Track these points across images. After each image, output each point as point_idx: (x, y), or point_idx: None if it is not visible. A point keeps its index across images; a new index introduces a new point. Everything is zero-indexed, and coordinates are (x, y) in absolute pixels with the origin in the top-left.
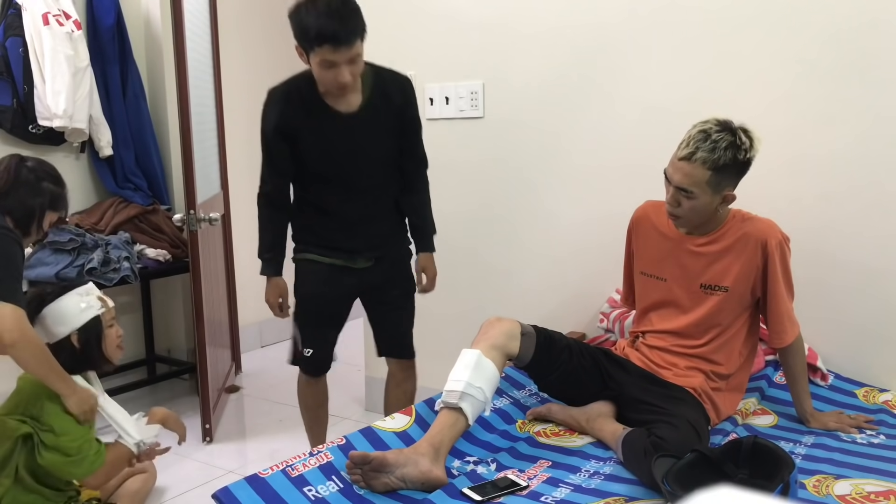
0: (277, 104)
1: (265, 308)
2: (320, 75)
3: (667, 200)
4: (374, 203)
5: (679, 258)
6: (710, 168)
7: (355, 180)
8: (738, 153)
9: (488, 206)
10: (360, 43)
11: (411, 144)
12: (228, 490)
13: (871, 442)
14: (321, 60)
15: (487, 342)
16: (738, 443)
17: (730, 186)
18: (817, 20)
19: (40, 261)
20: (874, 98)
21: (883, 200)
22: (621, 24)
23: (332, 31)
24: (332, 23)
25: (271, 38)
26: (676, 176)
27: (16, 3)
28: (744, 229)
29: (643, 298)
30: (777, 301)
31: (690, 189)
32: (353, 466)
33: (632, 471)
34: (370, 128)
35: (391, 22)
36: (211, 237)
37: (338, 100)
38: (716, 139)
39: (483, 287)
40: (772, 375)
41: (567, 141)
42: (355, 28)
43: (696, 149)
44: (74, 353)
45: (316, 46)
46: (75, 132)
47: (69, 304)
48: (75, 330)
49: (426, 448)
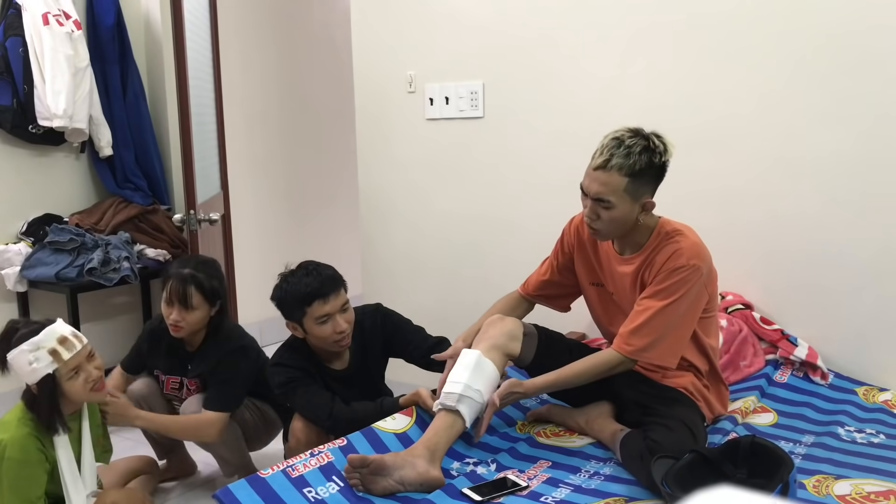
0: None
1: (265, 308)
2: (319, 333)
3: (585, 214)
4: None
5: (615, 275)
6: (627, 174)
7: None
8: (653, 157)
9: (488, 206)
10: (344, 293)
11: (411, 343)
12: (229, 490)
13: (871, 442)
14: (316, 317)
15: (488, 342)
16: (736, 443)
17: (648, 194)
18: (817, 20)
19: (40, 261)
20: (874, 98)
21: (883, 200)
22: (621, 25)
23: (316, 286)
24: (314, 280)
25: (271, 38)
26: (593, 186)
27: (16, 3)
28: (662, 248)
29: (597, 309)
30: (641, 307)
31: (608, 198)
32: (352, 470)
33: (631, 472)
34: (362, 382)
35: (391, 22)
36: (211, 237)
37: (332, 359)
38: (629, 144)
39: (483, 287)
40: (772, 374)
41: (566, 141)
42: (335, 278)
43: (610, 156)
44: (35, 399)
45: (306, 307)
46: (75, 132)
47: (19, 360)
48: (32, 384)
49: (422, 450)
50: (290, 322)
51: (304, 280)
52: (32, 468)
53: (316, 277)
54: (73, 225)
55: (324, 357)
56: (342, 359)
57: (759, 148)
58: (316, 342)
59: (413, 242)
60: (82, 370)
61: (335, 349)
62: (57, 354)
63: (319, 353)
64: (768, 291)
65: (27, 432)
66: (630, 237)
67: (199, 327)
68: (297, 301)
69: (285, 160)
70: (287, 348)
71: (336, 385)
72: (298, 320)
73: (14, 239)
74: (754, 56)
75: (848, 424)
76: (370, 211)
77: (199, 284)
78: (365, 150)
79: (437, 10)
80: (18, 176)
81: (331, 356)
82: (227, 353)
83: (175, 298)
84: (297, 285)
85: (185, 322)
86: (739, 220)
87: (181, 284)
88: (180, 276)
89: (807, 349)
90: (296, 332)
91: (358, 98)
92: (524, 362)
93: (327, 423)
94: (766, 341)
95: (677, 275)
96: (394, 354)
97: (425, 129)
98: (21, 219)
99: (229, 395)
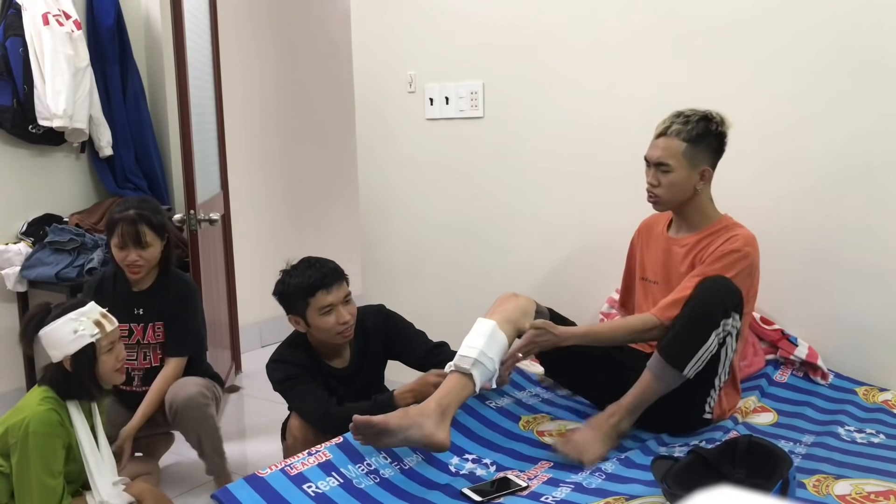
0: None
1: (265, 308)
2: (322, 325)
3: (647, 182)
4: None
5: (667, 260)
6: (685, 139)
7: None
8: (710, 125)
9: (488, 206)
10: (346, 285)
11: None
12: (228, 490)
13: (871, 442)
14: (319, 308)
15: (503, 314)
16: (734, 443)
17: (706, 162)
18: (818, 21)
19: (40, 261)
20: (876, 98)
21: (883, 200)
22: (621, 25)
23: (319, 277)
24: (316, 272)
25: (271, 38)
26: (655, 153)
27: (16, 3)
28: (721, 235)
29: (642, 304)
30: (688, 283)
31: (667, 162)
32: (357, 430)
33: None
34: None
35: (391, 22)
36: (211, 237)
37: (333, 357)
38: (688, 114)
39: (482, 286)
40: (772, 374)
41: (567, 141)
42: (337, 269)
43: (670, 123)
44: (67, 376)
45: (309, 298)
46: (75, 132)
47: (63, 330)
48: (68, 355)
49: (434, 408)
50: (292, 316)
51: (307, 272)
52: (56, 441)
53: (319, 269)
54: (73, 225)
55: (324, 355)
56: (342, 357)
57: (759, 148)
58: (319, 335)
59: (413, 242)
60: (116, 347)
61: (338, 341)
62: (101, 325)
63: (320, 350)
64: (768, 291)
65: (49, 408)
66: (688, 215)
67: (155, 263)
68: (300, 292)
69: (285, 160)
70: (288, 346)
71: (335, 383)
72: (301, 312)
73: (14, 239)
74: (756, 56)
75: (848, 424)
76: (370, 211)
77: (148, 221)
78: (365, 150)
79: (437, 9)
80: (18, 176)
81: (331, 354)
82: (184, 295)
83: (129, 240)
84: (299, 277)
85: (143, 260)
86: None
87: (131, 226)
88: (128, 217)
89: (807, 349)
90: (298, 326)
91: (358, 98)
92: None
93: (321, 423)
94: (766, 341)
95: (730, 257)
96: (393, 356)
97: (425, 129)
98: (21, 219)
99: (198, 338)
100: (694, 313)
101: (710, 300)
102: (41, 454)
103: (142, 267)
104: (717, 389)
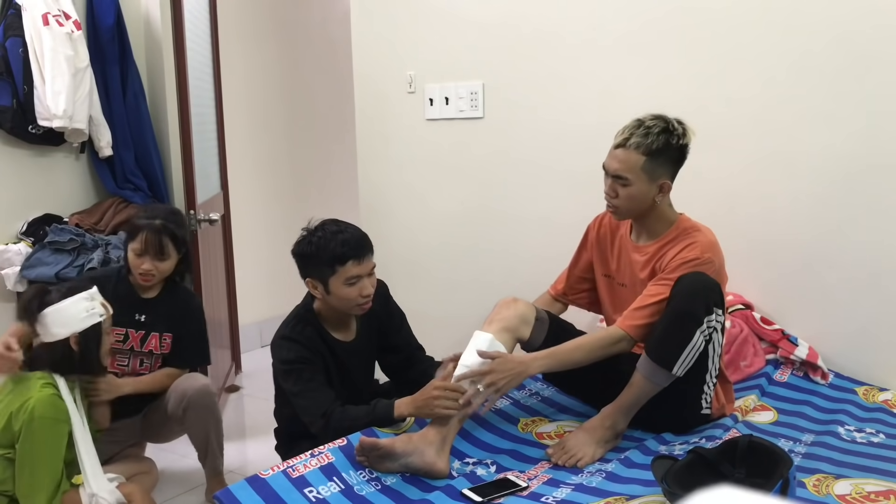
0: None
1: (265, 308)
2: (345, 294)
3: (605, 192)
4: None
5: (630, 264)
6: (645, 153)
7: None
8: (671, 138)
9: (488, 207)
10: (372, 256)
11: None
12: (229, 491)
13: (870, 441)
14: (346, 278)
15: (500, 324)
16: (734, 443)
17: (665, 175)
18: (817, 21)
19: (40, 261)
20: (875, 98)
21: (883, 200)
22: (621, 25)
23: (353, 245)
24: (350, 238)
25: (271, 38)
26: (613, 164)
27: (16, 3)
28: (679, 241)
29: (606, 301)
30: (649, 292)
31: (625, 175)
32: (362, 451)
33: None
34: (366, 355)
35: (391, 22)
36: (211, 237)
37: (340, 330)
38: (649, 125)
39: (482, 287)
40: (772, 374)
41: (567, 141)
42: (367, 239)
43: (630, 135)
44: (70, 354)
45: (339, 266)
46: (75, 132)
47: (76, 307)
48: (76, 333)
49: (434, 436)
50: (310, 279)
51: (339, 237)
52: (61, 425)
53: (352, 235)
54: (73, 225)
55: (331, 326)
56: (350, 329)
57: (760, 148)
58: (337, 303)
59: (413, 242)
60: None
61: (356, 312)
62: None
63: (329, 319)
64: (768, 291)
65: (52, 392)
66: (647, 223)
67: (167, 276)
68: (329, 258)
69: (285, 160)
70: (297, 320)
71: (344, 356)
72: (324, 278)
73: (14, 239)
74: (756, 56)
75: (848, 424)
76: (370, 211)
77: (171, 234)
78: (364, 150)
79: (437, 9)
80: (18, 176)
81: (339, 325)
82: (191, 309)
83: (151, 249)
84: (331, 242)
85: (157, 271)
86: (740, 219)
87: (156, 235)
88: (153, 227)
89: (807, 349)
90: (315, 291)
91: (358, 98)
92: (532, 346)
93: (319, 421)
94: (766, 341)
95: (689, 266)
96: (381, 338)
97: (425, 129)
98: (21, 219)
99: (204, 351)
100: (676, 312)
101: (690, 298)
102: (48, 438)
103: (154, 277)
104: (710, 384)
